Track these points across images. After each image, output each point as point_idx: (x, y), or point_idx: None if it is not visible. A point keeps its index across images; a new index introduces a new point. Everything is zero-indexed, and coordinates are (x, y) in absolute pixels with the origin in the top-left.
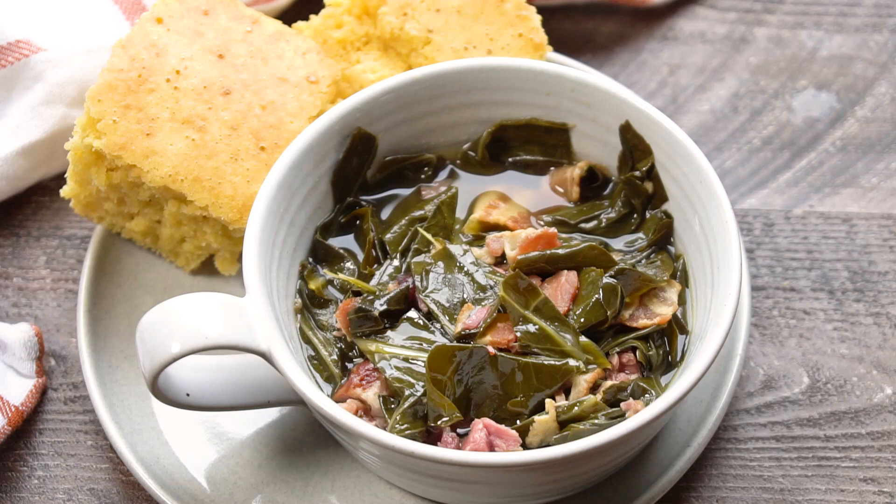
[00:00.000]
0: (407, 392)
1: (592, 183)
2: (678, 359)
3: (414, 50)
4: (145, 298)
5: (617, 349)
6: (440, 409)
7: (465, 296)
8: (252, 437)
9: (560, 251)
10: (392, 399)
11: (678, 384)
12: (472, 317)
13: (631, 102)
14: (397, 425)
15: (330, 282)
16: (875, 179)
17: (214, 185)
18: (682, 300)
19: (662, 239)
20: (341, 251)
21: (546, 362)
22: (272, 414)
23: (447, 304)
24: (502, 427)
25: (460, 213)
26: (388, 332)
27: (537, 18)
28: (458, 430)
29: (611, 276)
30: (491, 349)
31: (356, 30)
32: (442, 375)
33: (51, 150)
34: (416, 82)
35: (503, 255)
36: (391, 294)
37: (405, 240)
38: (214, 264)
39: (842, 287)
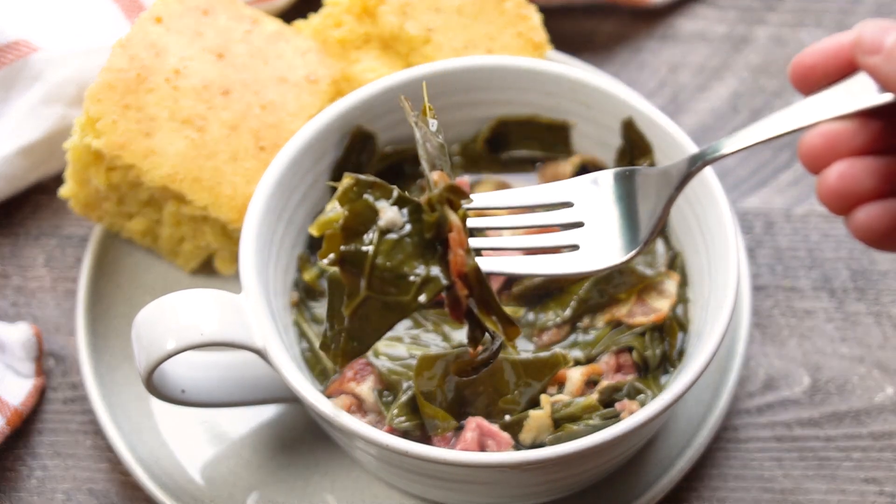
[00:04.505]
0: (404, 385)
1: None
2: (676, 358)
3: (414, 49)
4: (145, 298)
5: (614, 348)
6: (435, 420)
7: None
8: (251, 438)
9: None
10: (387, 392)
11: (674, 385)
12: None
13: (630, 103)
14: (396, 418)
15: (324, 272)
16: None
17: (214, 185)
18: (681, 298)
19: None
20: None
21: (532, 356)
22: (271, 414)
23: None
24: (495, 429)
25: None
26: None
27: (537, 17)
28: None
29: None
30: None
31: (356, 29)
32: (431, 386)
33: (50, 150)
34: (415, 80)
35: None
36: None
37: None
38: (214, 264)
39: (843, 286)
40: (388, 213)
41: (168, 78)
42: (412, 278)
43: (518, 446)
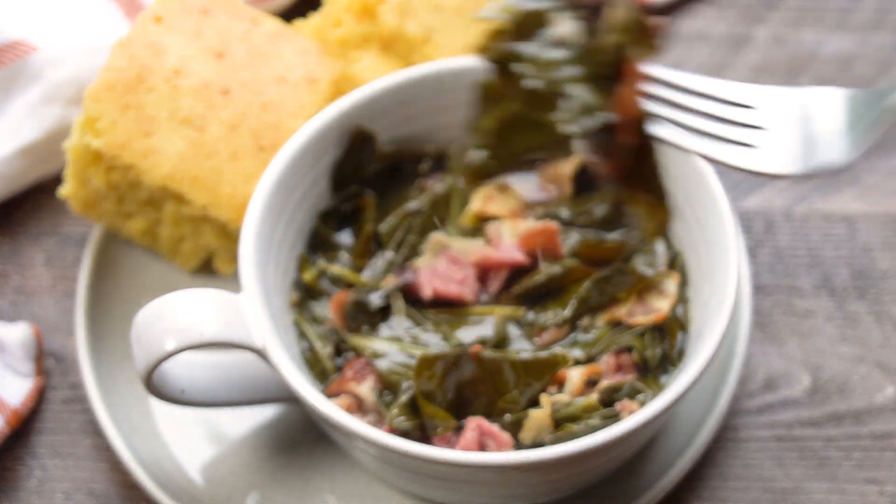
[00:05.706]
0: (404, 385)
1: (585, 176)
2: (676, 358)
3: (414, 49)
4: (145, 298)
5: (614, 348)
6: (435, 420)
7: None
8: (251, 438)
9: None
10: (387, 392)
11: (674, 386)
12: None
13: None
14: (396, 418)
15: (323, 273)
16: (877, 178)
17: (213, 184)
18: (681, 297)
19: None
20: (337, 241)
21: (532, 356)
22: (271, 414)
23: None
24: (495, 429)
25: (459, 207)
26: (381, 325)
27: None
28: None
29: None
30: (474, 350)
31: (355, 28)
32: (431, 386)
33: (49, 150)
34: (415, 81)
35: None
36: (390, 287)
37: (400, 232)
38: (214, 264)
39: (843, 286)
40: (565, 23)
41: (168, 78)
42: (571, 102)
43: (518, 446)
